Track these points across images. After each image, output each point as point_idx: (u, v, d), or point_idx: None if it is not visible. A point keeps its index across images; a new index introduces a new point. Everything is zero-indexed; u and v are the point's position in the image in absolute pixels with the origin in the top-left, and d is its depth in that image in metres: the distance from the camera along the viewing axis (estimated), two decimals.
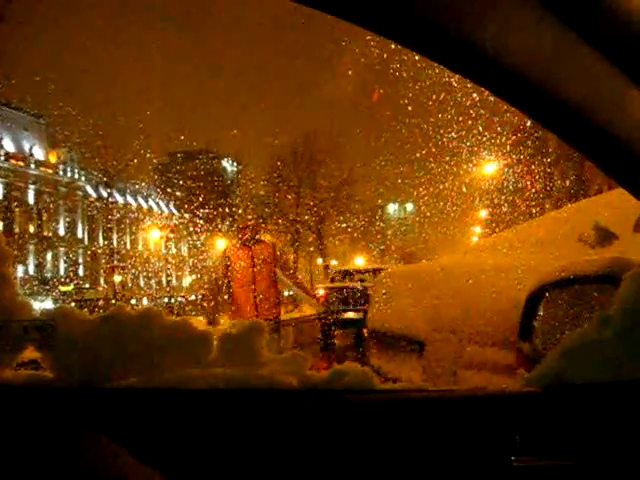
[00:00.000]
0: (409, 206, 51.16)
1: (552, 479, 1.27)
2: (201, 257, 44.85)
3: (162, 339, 1.42)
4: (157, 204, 51.22)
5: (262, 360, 1.44)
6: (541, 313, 2.18)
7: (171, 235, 45.37)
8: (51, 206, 44.06)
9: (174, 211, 47.61)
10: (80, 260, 45.94)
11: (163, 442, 1.28)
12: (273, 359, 1.46)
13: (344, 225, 38.14)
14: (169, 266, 47.29)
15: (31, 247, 41.92)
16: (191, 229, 42.74)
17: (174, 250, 48.91)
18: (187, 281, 50.61)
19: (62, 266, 44.61)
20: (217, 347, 1.45)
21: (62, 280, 41.82)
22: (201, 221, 39.46)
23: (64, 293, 39.50)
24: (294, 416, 1.33)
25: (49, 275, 42.09)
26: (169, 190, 44.53)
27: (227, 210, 38.23)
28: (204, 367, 1.42)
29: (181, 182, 41.87)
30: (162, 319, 1.45)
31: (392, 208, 52.33)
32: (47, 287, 39.15)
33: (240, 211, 38.12)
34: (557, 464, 1.27)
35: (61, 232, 45.07)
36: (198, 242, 43.42)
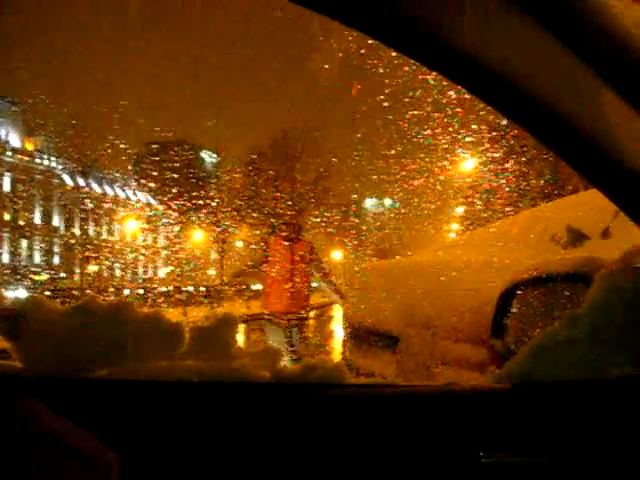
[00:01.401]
0: (386, 201, 51.28)
1: (520, 475, 1.29)
2: (177, 248, 44.62)
3: (133, 330, 1.41)
4: (134, 194, 50.81)
5: (234, 353, 1.44)
6: (513, 311, 2.20)
7: (147, 226, 45.12)
8: (26, 194, 43.54)
9: (151, 201, 47.28)
10: (55, 249, 45.48)
11: (132, 433, 1.28)
12: (245, 352, 1.46)
13: (320, 219, 38.12)
14: (145, 257, 47.04)
15: (5, 235, 41.43)
16: (167, 220, 42.52)
17: (150, 241, 48.59)
18: (163, 272, 50.35)
19: (37, 255, 44.15)
20: (189, 339, 1.44)
21: (36, 269, 41.39)
22: (177, 212, 39.28)
23: (38, 282, 39.11)
24: (266, 409, 1.34)
25: (23, 264, 41.63)
26: (146, 180, 44.23)
27: (204, 202, 38.07)
28: (176, 359, 1.41)
29: (158, 173, 41.56)
30: (134, 310, 1.44)
31: (369, 203, 52.38)
32: (21, 276, 38.75)
33: (214, 204, 38.04)
34: (525, 460, 1.28)
35: (36, 221, 44.56)
36: (174, 233, 43.19)
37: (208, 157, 48.10)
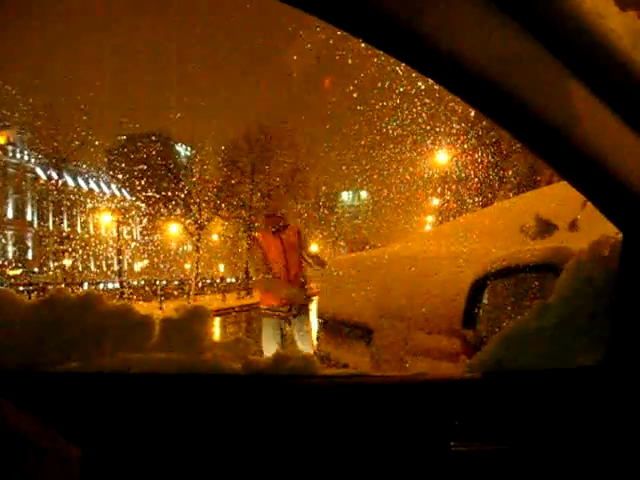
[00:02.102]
0: (362, 194, 51.44)
1: (489, 463, 1.30)
2: (153, 242, 44.34)
3: (102, 323, 1.40)
4: (108, 187, 50.34)
5: (206, 345, 1.44)
6: (485, 301, 2.22)
7: (122, 219, 44.73)
8: None
9: (126, 195, 46.89)
10: (29, 243, 44.96)
11: (102, 426, 1.27)
12: (216, 344, 1.45)
13: (296, 212, 38.01)
14: (120, 250, 46.67)
15: None
16: (143, 213, 42.22)
17: (125, 234, 48.20)
18: (138, 266, 50.03)
19: (10, 249, 43.62)
20: (159, 332, 1.43)
21: (10, 264, 40.87)
22: (152, 206, 39.00)
23: (12, 277, 38.62)
24: (237, 401, 1.34)
25: None
26: (121, 174, 43.84)
27: (179, 195, 37.81)
28: (146, 352, 1.40)
29: (133, 166, 41.15)
30: (103, 303, 1.43)
31: (345, 196, 52.51)
32: None
33: (189, 197, 37.79)
34: (494, 448, 1.29)
35: (9, 215, 44.03)
36: (149, 227, 42.92)
37: (183, 150, 47.81)
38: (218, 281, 41.60)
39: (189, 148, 46.13)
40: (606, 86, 1.17)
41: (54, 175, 42.17)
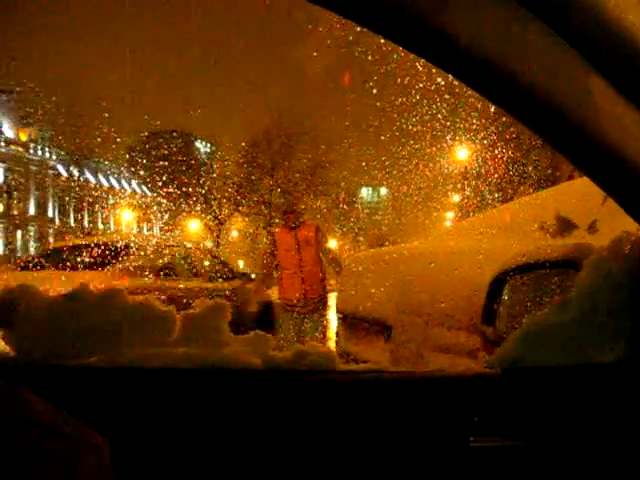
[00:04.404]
0: (382, 190, 51.33)
1: (508, 459, 1.30)
2: (174, 238, 44.52)
3: (123, 318, 1.42)
4: (129, 184, 50.63)
5: (225, 340, 1.45)
6: (505, 297, 2.20)
7: (142, 215, 44.93)
8: (21, 185, 43.41)
9: (146, 191, 47.14)
10: (51, 240, 45.38)
11: (124, 420, 1.28)
12: (236, 339, 1.46)
13: (316, 208, 38.01)
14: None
15: (0, 226, 41.30)
16: (163, 210, 42.39)
17: (146, 231, 48.49)
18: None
19: (32, 245, 44.02)
20: (179, 327, 1.45)
21: (32, 260, 41.15)
22: (172, 202, 39.18)
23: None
24: (257, 396, 1.34)
25: (19, 254, 41.46)
26: (141, 170, 44.11)
27: (198, 192, 37.98)
28: (167, 347, 1.42)
29: (154, 163, 41.40)
30: (124, 298, 1.44)
31: (365, 192, 52.45)
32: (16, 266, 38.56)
33: (209, 193, 37.92)
34: (513, 444, 1.29)
35: (31, 211, 44.47)
36: (170, 223, 43.09)
37: (203, 147, 47.98)
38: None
39: (209, 145, 46.33)
40: (627, 80, 1.17)
41: (75, 172, 42.52)
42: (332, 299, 6.15)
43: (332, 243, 38.04)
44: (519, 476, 1.30)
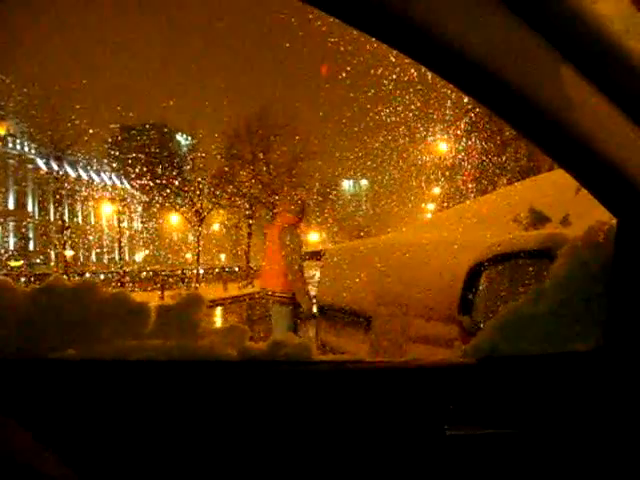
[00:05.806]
0: (363, 182, 51.41)
1: (483, 447, 1.31)
2: (155, 231, 44.39)
3: (99, 310, 1.41)
4: (109, 178, 50.27)
5: (201, 332, 1.44)
6: (480, 288, 2.22)
7: (123, 209, 44.69)
8: None
9: (126, 185, 46.87)
10: (30, 234, 45.03)
11: (100, 412, 1.28)
12: (211, 331, 1.46)
13: (298, 201, 37.81)
14: (121, 240, 46.69)
15: None
16: (143, 203, 42.20)
17: (126, 224, 48.21)
18: (139, 256, 50.10)
19: (12, 241, 43.64)
20: (155, 319, 1.44)
21: (12, 255, 40.88)
22: (152, 196, 39.00)
23: (13, 268, 38.59)
24: (233, 387, 1.34)
25: None
26: (121, 164, 43.76)
27: (179, 185, 37.82)
28: (142, 339, 1.41)
29: (133, 156, 41.07)
30: (98, 291, 1.43)
31: (346, 184, 52.47)
32: None
33: (190, 187, 37.76)
34: (488, 433, 1.30)
35: (10, 206, 44.05)
36: (150, 217, 42.93)
37: (183, 140, 47.76)
38: (217, 270, 41.57)
39: (189, 137, 46.08)
40: (599, 71, 1.17)
41: (54, 166, 42.09)
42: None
43: (313, 236, 38.10)
44: (494, 464, 1.31)
